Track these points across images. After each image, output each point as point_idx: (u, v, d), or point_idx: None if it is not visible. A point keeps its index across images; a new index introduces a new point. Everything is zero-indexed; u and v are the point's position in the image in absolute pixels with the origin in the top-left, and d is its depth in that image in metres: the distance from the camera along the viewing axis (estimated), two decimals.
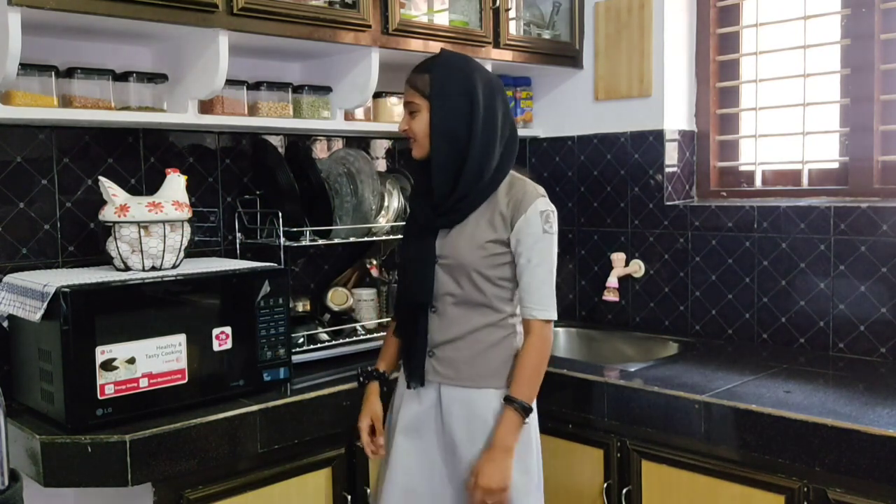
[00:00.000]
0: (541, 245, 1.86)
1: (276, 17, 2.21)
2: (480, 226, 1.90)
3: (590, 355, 3.00)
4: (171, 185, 2.15)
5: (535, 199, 1.88)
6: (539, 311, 1.87)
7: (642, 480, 2.22)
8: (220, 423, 1.94)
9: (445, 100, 1.86)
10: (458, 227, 1.92)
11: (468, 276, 1.89)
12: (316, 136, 2.79)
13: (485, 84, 1.90)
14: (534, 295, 1.87)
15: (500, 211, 1.89)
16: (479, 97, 1.87)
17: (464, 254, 1.89)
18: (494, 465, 1.82)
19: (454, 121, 1.86)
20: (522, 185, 1.92)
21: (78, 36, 2.19)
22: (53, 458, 1.80)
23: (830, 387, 2.15)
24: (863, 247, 2.45)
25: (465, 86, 1.87)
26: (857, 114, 2.59)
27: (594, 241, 3.11)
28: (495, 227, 1.89)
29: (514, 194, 1.90)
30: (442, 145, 1.87)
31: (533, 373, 1.88)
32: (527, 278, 1.88)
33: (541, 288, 1.87)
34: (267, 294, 2.14)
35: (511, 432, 1.85)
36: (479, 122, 1.86)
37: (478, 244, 1.89)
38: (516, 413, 1.84)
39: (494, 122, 1.89)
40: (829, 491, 1.88)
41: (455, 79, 1.88)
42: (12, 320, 2.06)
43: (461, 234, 1.91)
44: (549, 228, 1.87)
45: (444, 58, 1.91)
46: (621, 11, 2.97)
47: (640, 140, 2.95)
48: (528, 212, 1.86)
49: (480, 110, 1.86)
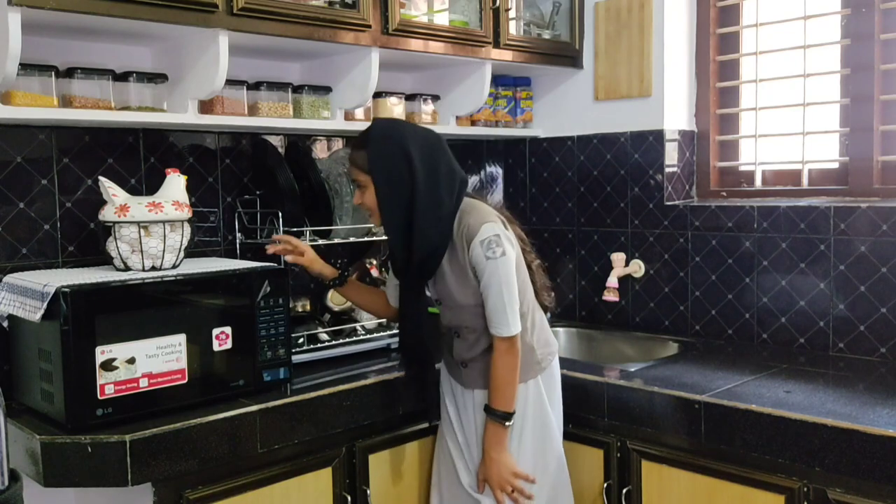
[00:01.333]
0: (488, 271, 2.00)
1: (276, 17, 2.21)
2: (454, 267, 2.05)
3: (590, 355, 3.00)
4: (171, 185, 2.15)
5: (476, 230, 2.00)
6: (497, 329, 2.03)
7: (642, 480, 2.22)
8: (220, 423, 1.93)
9: (385, 171, 2.00)
10: (442, 270, 2.07)
11: (467, 311, 2.08)
12: (316, 136, 2.79)
13: (420, 143, 2.02)
14: (492, 317, 2.03)
15: (459, 250, 2.04)
16: (415, 159, 2.00)
17: (455, 295, 2.07)
18: (490, 464, 2.07)
19: (397, 188, 2.00)
20: (468, 217, 2.04)
21: (78, 36, 2.19)
22: (53, 458, 1.80)
23: (830, 387, 2.15)
24: (863, 247, 2.45)
25: (401, 152, 2.00)
26: (857, 114, 2.58)
27: (594, 241, 3.11)
28: (462, 265, 2.04)
29: (461, 230, 2.03)
30: (390, 214, 2.01)
31: (503, 383, 2.05)
32: (487, 302, 2.03)
33: (495, 309, 2.01)
34: (267, 294, 2.14)
35: (494, 436, 2.07)
36: (420, 183, 1.99)
37: (462, 283, 2.05)
38: (495, 421, 2.06)
39: (437, 177, 2.01)
40: (829, 491, 1.88)
41: (389, 148, 2.01)
42: (12, 320, 2.06)
43: (444, 277, 2.08)
44: (491, 254, 1.99)
45: (375, 130, 2.06)
46: (621, 11, 2.97)
47: (640, 140, 2.95)
48: (472, 243, 2.00)
49: (420, 171, 1.99)
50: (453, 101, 2.93)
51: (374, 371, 2.33)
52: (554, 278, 3.22)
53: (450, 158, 2.08)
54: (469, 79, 2.87)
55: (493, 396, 2.06)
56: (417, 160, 1.99)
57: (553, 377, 2.22)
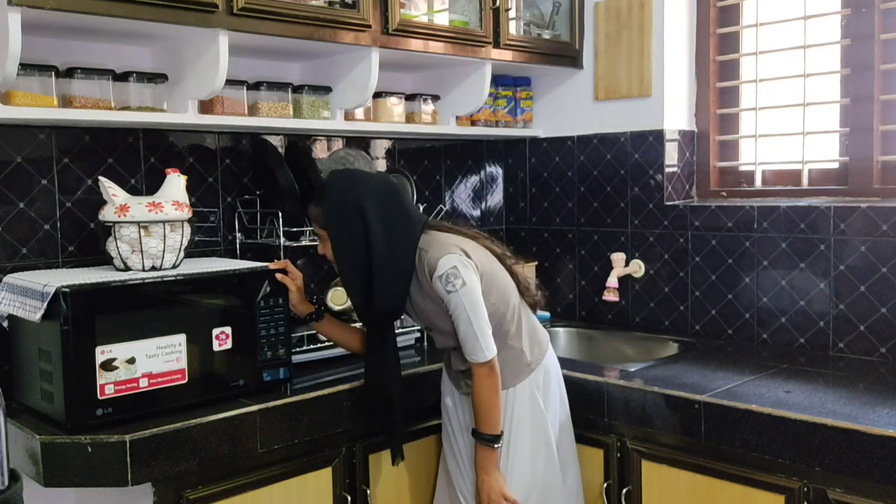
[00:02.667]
0: (452, 304, 2.02)
1: (276, 17, 2.21)
2: (425, 300, 2.08)
3: (590, 355, 3.00)
4: (171, 185, 2.15)
5: (434, 265, 2.02)
6: (472, 356, 2.04)
7: (642, 480, 2.22)
8: (220, 423, 1.93)
9: (340, 227, 2.05)
10: (416, 306, 2.12)
11: (451, 335, 2.08)
12: (316, 136, 2.79)
13: (376, 197, 2.06)
14: (464, 345, 2.05)
15: (424, 284, 2.06)
16: (370, 215, 2.03)
17: (437, 322, 2.10)
18: (481, 485, 2.09)
19: (352, 244, 2.04)
20: (426, 254, 2.05)
21: (78, 36, 2.19)
22: (53, 458, 1.80)
23: (830, 387, 2.15)
24: (863, 247, 2.45)
25: (356, 209, 2.03)
26: (857, 114, 2.58)
27: (594, 241, 3.11)
28: (432, 296, 2.06)
29: (423, 266, 2.05)
30: (348, 268, 2.06)
31: (486, 408, 2.06)
32: (458, 332, 2.04)
33: (465, 339, 2.03)
34: (267, 294, 2.14)
35: (484, 458, 2.08)
36: (377, 239, 2.02)
37: (436, 311, 2.07)
38: (482, 444, 2.08)
39: (394, 231, 2.05)
40: (829, 491, 1.88)
41: (344, 205, 2.04)
42: (12, 320, 2.06)
43: (422, 310, 2.11)
44: (451, 288, 2.00)
45: (330, 185, 2.09)
46: (621, 11, 2.97)
47: (640, 140, 2.95)
48: (433, 280, 2.02)
49: (375, 226, 2.03)
50: (453, 101, 2.93)
51: None
52: (554, 278, 3.22)
53: (407, 207, 2.12)
54: (469, 79, 2.87)
55: (479, 421, 2.07)
56: (373, 216, 2.03)
57: (546, 370, 2.20)
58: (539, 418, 2.16)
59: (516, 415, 2.13)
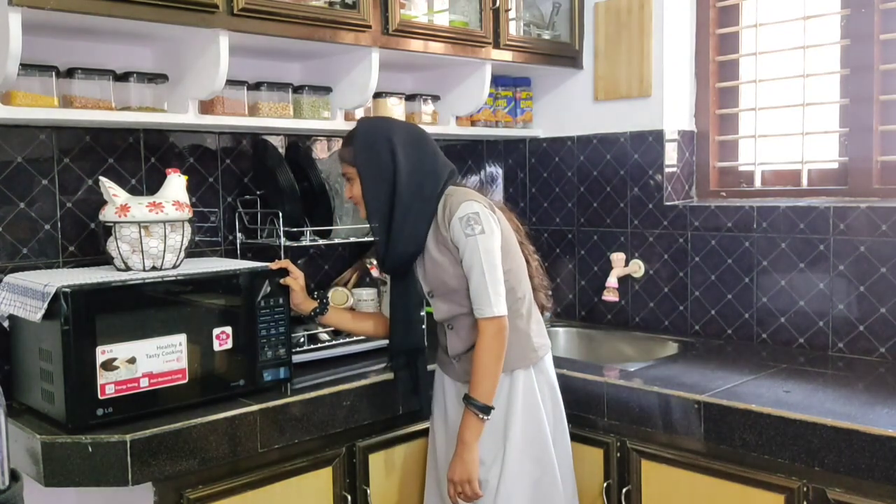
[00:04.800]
0: (469, 249, 1.97)
1: (276, 18, 2.22)
2: (442, 251, 2.03)
3: (590, 355, 3.00)
4: (172, 185, 2.15)
5: (456, 208, 1.99)
6: (480, 310, 1.98)
7: (642, 480, 2.22)
8: (221, 423, 1.94)
9: (369, 162, 2.02)
10: (428, 259, 2.06)
11: (461, 298, 2.03)
12: (316, 136, 2.79)
13: (405, 136, 2.06)
14: (475, 298, 1.99)
15: (442, 231, 2.02)
16: (399, 150, 2.02)
17: (447, 281, 2.04)
18: (457, 459, 2.00)
19: (381, 178, 2.02)
20: (451, 200, 2.03)
21: (78, 36, 2.19)
22: (54, 458, 1.80)
23: (830, 386, 2.15)
24: (862, 247, 2.45)
25: (385, 144, 2.03)
26: (856, 114, 2.59)
27: (594, 241, 3.11)
28: (448, 247, 2.02)
29: (444, 214, 2.02)
30: (375, 202, 2.03)
31: (487, 371, 1.98)
32: (470, 283, 1.99)
33: (477, 289, 1.97)
34: (267, 294, 2.14)
35: (469, 429, 1.99)
36: (403, 173, 2.01)
37: (450, 266, 2.02)
38: (472, 411, 1.98)
39: (421, 167, 2.04)
40: (828, 491, 1.88)
41: (374, 141, 2.04)
42: (13, 320, 2.06)
43: (433, 264, 2.06)
44: (470, 231, 1.96)
45: (361, 125, 2.10)
46: (621, 11, 2.98)
47: (640, 140, 2.95)
48: (451, 223, 1.99)
49: (403, 162, 2.02)
50: (453, 101, 2.93)
51: (373, 371, 2.33)
52: (554, 278, 3.22)
53: (435, 150, 2.11)
54: (469, 79, 2.87)
55: (473, 384, 1.98)
56: (401, 154, 2.02)
57: (545, 373, 2.15)
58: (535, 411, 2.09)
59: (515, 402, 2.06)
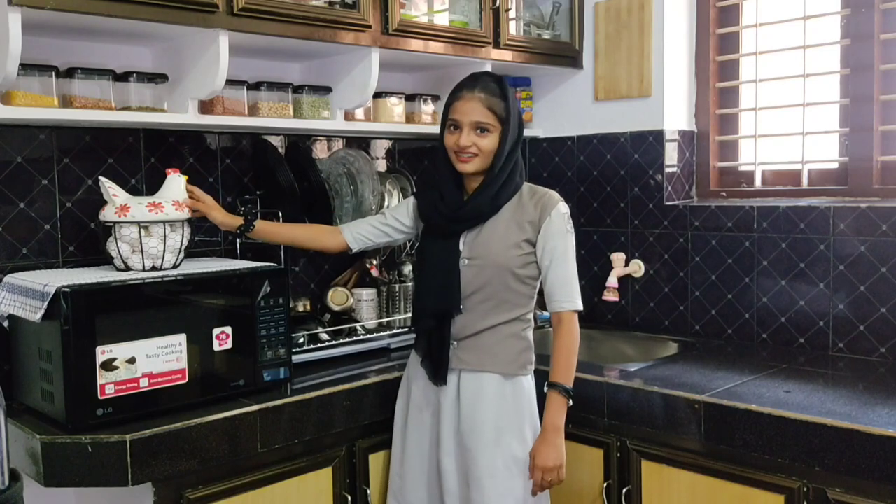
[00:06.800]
0: (565, 244, 2.05)
1: (276, 18, 2.22)
2: (511, 227, 2.05)
3: (590, 355, 2.99)
4: (172, 185, 2.15)
5: (557, 202, 2.07)
6: (568, 303, 2.04)
7: (642, 480, 2.22)
8: (220, 423, 1.94)
9: (513, 125, 2.05)
10: (488, 228, 2.06)
11: (500, 274, 2.04)
12: (316, 136, 2.79)
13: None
14: (563, 289, 2.04)
15: (528, 213, 2.06)
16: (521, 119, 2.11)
17: (498, 253, 2.04)
18: (548, 445, 2.01)
19: (515, 141, 2.06)
20: (544, 191, 2.10)
21: (78, 36, 2.19)
22: (54, 458, 1.80)
23: (830, 386, 2.15)
24: (863, 247, 2.45)
25: (519, 109, 2.09)
26: (856, 114, 2.59)
27: (594, 241, 3.11)
28: (524, 228, 2.05)
29: (538, 199, 2.07)
30: (503, 164, 2.04)
31: (570, 359, 2.05)
32: (554, 275, 2.05)
33: (566, 281, 2.05)
34: (267, 294, 2.14)
35: (558, 413, 2.02)
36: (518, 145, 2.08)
37: (512, 243, 2.04)
38: (560, 396, 2.03)
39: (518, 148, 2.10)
40: (829, 491, 1.88)
41: (516, 104, 2.08)
42: (12, 320, 2.06)
43: (493, 235, 2.06)
44: (570, 228, 2.08)
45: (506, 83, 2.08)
46: (621, 11, 2.98)
47: (640, 140, 2.95)
48: (552, 214, 2.04)
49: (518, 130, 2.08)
50: None
51: (374, 371, 2.33)
52: None
53: None
54: None
55: (558, 370, 2.03)
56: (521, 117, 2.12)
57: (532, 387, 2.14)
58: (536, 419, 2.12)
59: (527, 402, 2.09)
